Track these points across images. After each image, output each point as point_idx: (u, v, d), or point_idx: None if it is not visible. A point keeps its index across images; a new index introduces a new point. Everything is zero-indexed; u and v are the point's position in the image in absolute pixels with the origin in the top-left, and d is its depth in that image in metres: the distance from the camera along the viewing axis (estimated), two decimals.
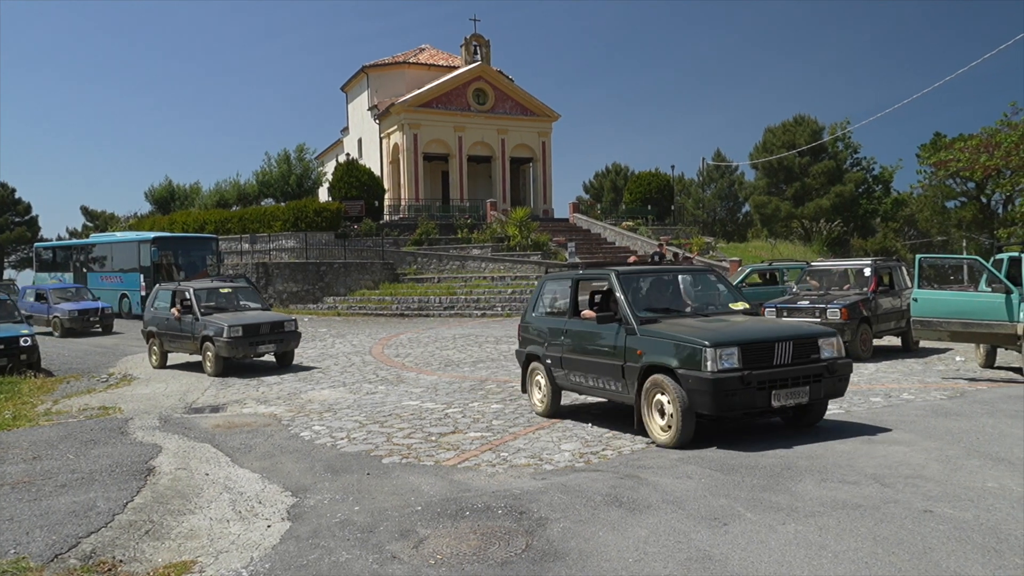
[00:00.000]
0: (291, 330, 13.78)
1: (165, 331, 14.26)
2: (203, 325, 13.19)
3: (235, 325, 12.87)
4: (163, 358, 14.60)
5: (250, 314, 13.93)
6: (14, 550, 4.88)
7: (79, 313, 22.14)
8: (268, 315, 14.24)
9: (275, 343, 13.35)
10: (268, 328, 13.33)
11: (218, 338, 12.78)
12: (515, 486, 5.88)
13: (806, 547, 4.36)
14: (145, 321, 14.88)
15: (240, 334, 12.87)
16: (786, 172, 53.66)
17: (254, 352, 13.14)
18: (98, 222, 57.37)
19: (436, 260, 29.82)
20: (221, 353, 12.82)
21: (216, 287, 14.81)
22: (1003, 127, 32.69)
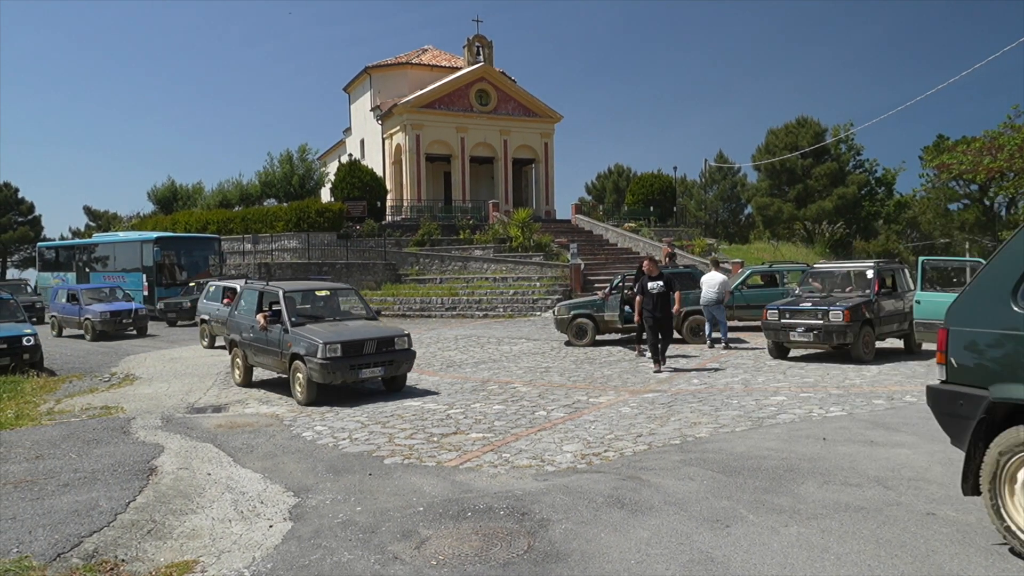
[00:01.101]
0: (403, 348, 10.80)
1: (250, 342, 11.56)
2: (293, 339, 10.41)
3: (332, 342, 10.01)
4: (247, 374, 11.96)
5: (352, 326, 10.97)
6: (17, 549, 4.88)
7: (111, 315, 20.78)
8: (374, 328, 11.10)
9: (383, 365, 10.43)
10: (374, 346, 10.40)
11: (311, 358, 9.95)
12: (517, 487, 5.87)
13: (808, 549, 4.35)
14: (228, 326, 12.51)
15: (339, 353, 9.99)
16: (788, 174, 53.62)
17: (355, 377, 10.19)
18: (101, 222, 57.45)
19: (438, 261, 29.82)
20: (314, 377, 9.95)
21: (312, 288, 12.12)
22: (1006, 130, 32.66)
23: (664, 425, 8.08)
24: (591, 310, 15.98)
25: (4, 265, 60.02)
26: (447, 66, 42.01)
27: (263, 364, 11.49)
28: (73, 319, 21.46)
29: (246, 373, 12.02)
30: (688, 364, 12.69)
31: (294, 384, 10.41)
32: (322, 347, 9.93)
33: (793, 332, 12.57)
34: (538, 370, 12.69)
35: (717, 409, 8.84)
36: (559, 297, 23.94)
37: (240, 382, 12.04)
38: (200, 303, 18.26)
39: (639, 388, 10.53)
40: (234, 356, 12.26)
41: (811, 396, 9.51)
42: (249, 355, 11.74)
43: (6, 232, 58.52)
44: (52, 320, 22.62)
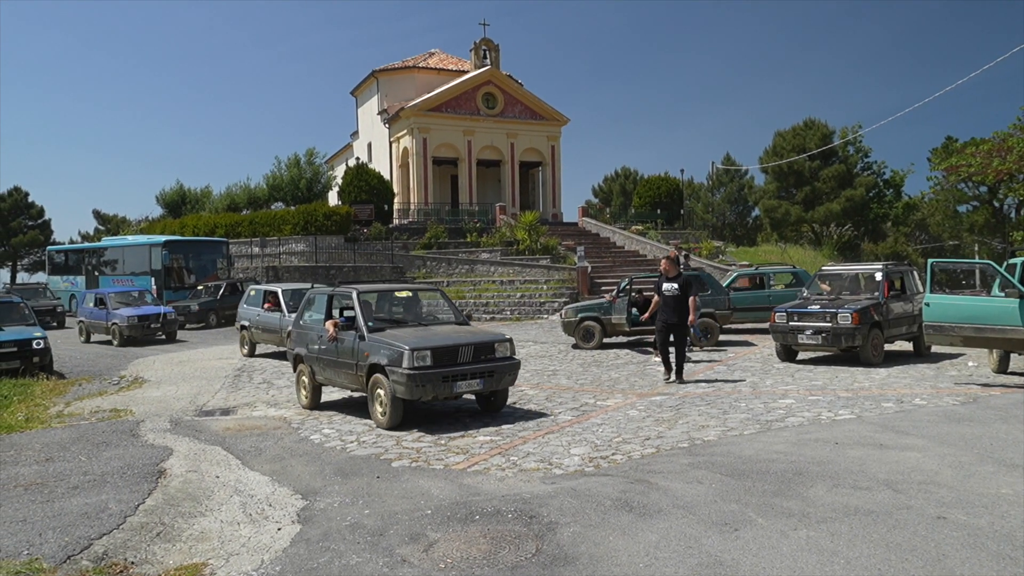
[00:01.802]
0: (505, 356, 9.01)
1: (317, 355, 9.81)
2: (371, 347, 8.77)
3: (421, 348, 8.35)
4: (315, 394, 10.11)
5: (441, 331, 9.30)
6: (27, 551, 4.90)
7: (139, 319, 19.92)
8: (469, 333, 9.30)
9: (481, 377, 8.66)
10: (471, 353, 8.69)
11: (394, 368, 8.32)
12: (525, 490, 5.87)
13: (818, 553, 4.33)
14: (293, 339, 10.64)
15: (428, 362, 8.33)
16: (796, 176, 53.47)
17: (450, 391, 8.53)
18: (110, 226, 57.78)
19: (445, 264, 29.85)
20: (399, 392, 8.32)
21: (390, 289, 10.87)
22: (1015, 131, 32.50)
23: (672, 428, 8.06)
24: (598, 313, 15.96)
25: (14, 269, 60.37)
26: (454, 69, 42.09)
27: (334, 380, 9.69)
28: (100, 324, 20.64)
29: (313, 393, 10.10)
30: (695, 367, 12.65)
31: (373, 404, 8.76)
32: (408, 354, 8.23)
33: (801, 335, 12.53)
34: (545, 373, 12.68)
35: (725, 412, 8.81)
36: (566, 300, 23.92)
37: (307, 404, 10.10)
38: (240, 308, 17.33)
39: (647, 391, 10.51)
40: (299, 374, 10.35)
41: (820, 399, 9.47)
42: (317, 371, 9.87)
43: (16, 236, 58.92)
44: (80, 325, 21.79)
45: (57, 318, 26.62)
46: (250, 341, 16.53)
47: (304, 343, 10.23)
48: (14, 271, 60.25)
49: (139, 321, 19.90)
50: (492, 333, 9.74)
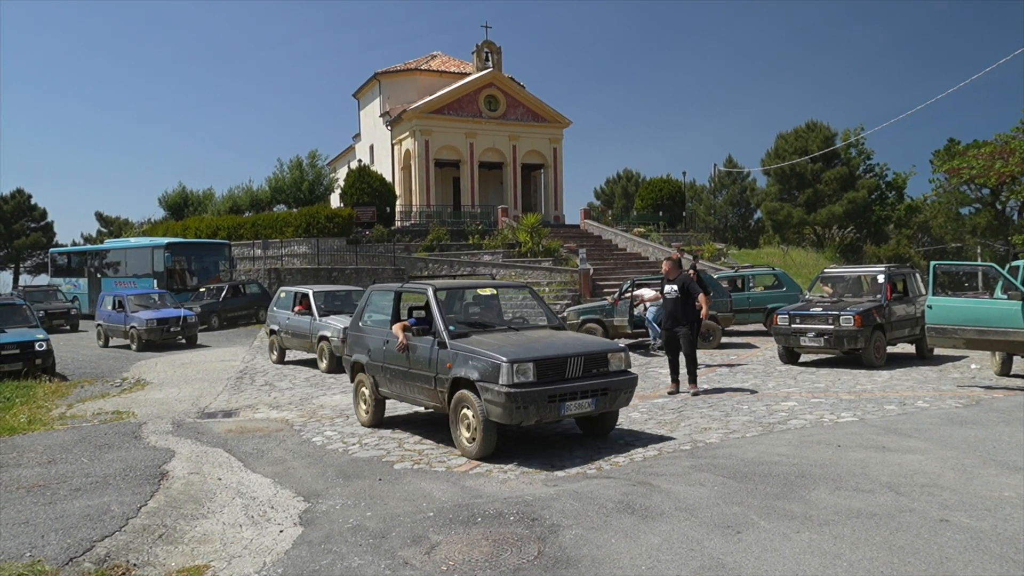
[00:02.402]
0: (620, 369, 7.42)
1: (382, 363, 8.42)
2: (455, 356, 7.25)
3: (522, 360, 6.80)
4: (378, 410, 8.81)
5: (539, 337, 7.66)
6: (29, 553, 4.91)
7: (158, 322, 19.13)
8: (574, 340, 7.70)
9: (594, 396, 7.10)
10: (580, 366, 7.10)
11: (488, 384, 6.77)
12: (527, 492, 5.87)
13: (820, 556, 4.33)
14: (349, 344, 9.26)
15: (531, 377, 6.78)
16: (798, 178, 53.43)
17: (556, 415, 6.95)
18: (112, 228, 57.88)
19: (447, 266, 29.87)
20: (493, 415, 6.79)
21: (471, 285, 9.30)
22: (1018, 133, 32.49)
23: (674, 430, 8.06)
24: (600, 315, 15.96)
25: (17, 271, 60.49)
26: (456, 72, 42.14)
27: (403, 395, 8.23)
28: (119, 327, 19.88)
29: (376, 408, 8.77)
30: None
31: (458, 427, 7.23)
32: (507, 368, 6.67)
33: (804, 337, 12.52)
34: None
35: (727, 414, 8.80)
36: (568, 302, 23.90)
37: (367, 420, 8.82)
38: (270, 311, 16.46)
39: (648, 393, 10.50)
40: (358, 385, 8.98)
41: (822, 402, 9.46)
42: (383, 383, 8.51)
43: (19, 238, 59.03)
44: (98, 329, 21.00)
45: (71, 321, 26.12)
46: (279, 346, 15.77)
47: (364, 349, 8.80)
48: (17, 273, 60.35)
49: (158, 324, 19.16)
50: (602, 341, 8.34)
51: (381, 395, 8.73)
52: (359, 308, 9.42)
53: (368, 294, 9.44)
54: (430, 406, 7.96)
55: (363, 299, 9.41)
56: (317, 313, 14.57)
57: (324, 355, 14.01)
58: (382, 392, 8.67)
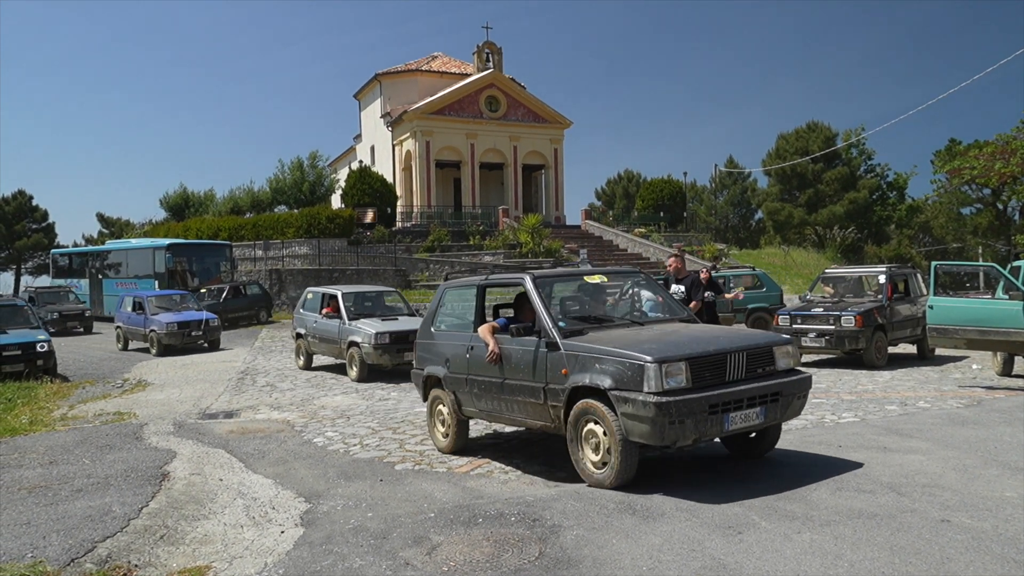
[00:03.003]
0: (788, 369, 6.02)
1: (466, 375, 6.96)
2: (571, 359, 5.84)
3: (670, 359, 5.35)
4: (461, 430, 7.33)
5: (675, 330, 6.26)
6: (31, 554, 4.91)
7: (179, 326, 18.20)
8: (728, 333, 6.32)
9: (763, 403, 5.66)
10: (743, 364, 5.67)
11: (627, 393, 5.36)
12: (528, 493, 5.87)
13: (822, 556, 4.32)
14: (417, 356, 7.87)
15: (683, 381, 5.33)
16: (799, 179, 53.43)
17: (719, 429, 5.51)
18: (114, 229, 57.93)
19: (448, 267, 29.89)
20: (636, 433, 5.39)
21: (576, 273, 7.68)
22: (1019, 134, 32.48)
23: None
24: None
25: (18, 272, 60.55)
26: (457, 72, 42.17)
27: (497, 413, 6.80)
28: (139, 331, 19.04)
29: (458, 431, 7.29)
30: None
31: (581, 449, 5.84)
32: (654, 370, 5.19)
33: (805, 337, 12.51)
34: None
35: None
36: None
37: (447, 446, 7.38)
38: (296, 314, 15.39)
39: None
40: (434, 404, 7.55)
41: (823, 402, 9.45)
42: (467, 399, 7.03)
43: (21, 239, 59.10)
44: (117, 332, 20.24)
45: (85, 323, 25.60)
46: (306, 351, 14.81)
47: (440, 360, 7.36)
48: (18, 274, 60.43)
49: (179, 328, 18.23)
50: (761, 332, 6.63)
51: (465, 415, 7.23)
52: (430, 311, 7.90)
53: (441, 293, 7.86)
54: (535, 425, 6.44)
55: (434, 300, 7.90)
56: (346, 316, 13.54)
57: (354, 362, 12.95)
58: (467, 411, 7.17)
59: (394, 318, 13.66)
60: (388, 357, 12.56)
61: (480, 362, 6.75)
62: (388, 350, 12.53)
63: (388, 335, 12.58)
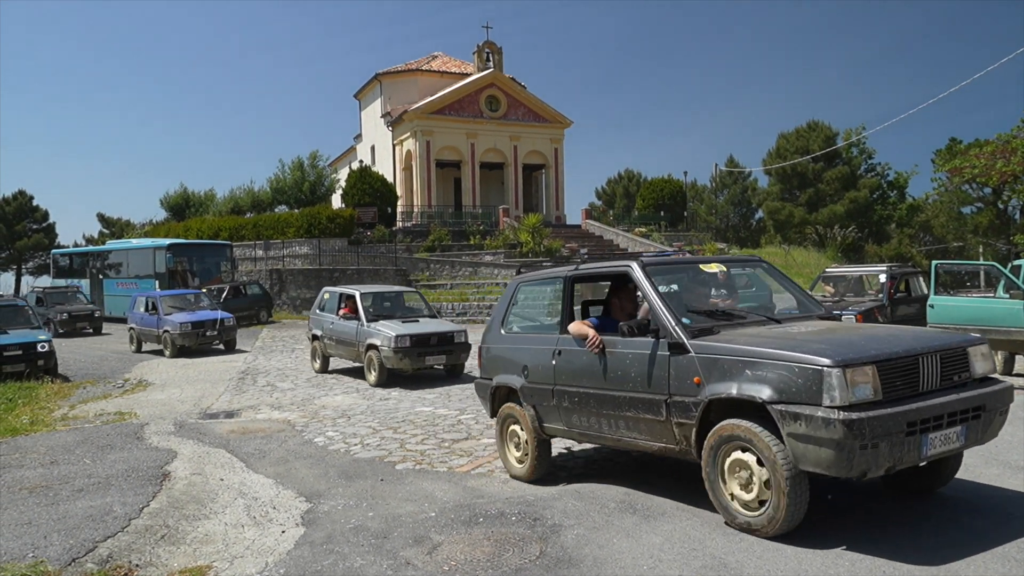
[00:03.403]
0: (985, 376, 4.85)
1: (552, 385, 5.91)
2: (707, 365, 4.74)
3: (855, 362, 4.24)
4: (543, 453, 6.22)
5: (832, 328, 5.28)
6: (32, 554, 4.92)
7: (192, 326, 17.45)
8: (902, 331, 5.31)
9: (963, 422, 4.51)
10: (936, 370, 4.54)
11: (795, 408, 4.25)
12: (528, 493, 5.86)
13: (822, 555, 4.32)
14: (484, 364, 6.81)
15: (869, 392, 4.20)
16: (800, 178, 53.39)
17: (918, 453, 4.36)
18: (114, 229, 57.94)
19: (448, 266, 29.88)
20: (811, 461, 4.27)
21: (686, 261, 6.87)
22: (1019, 133, 32.47)
23: None
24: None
25: (19, 272, 60.58)
26: (457, 72, 42.17)
27: (595, 432, 5.66)
28: (152, 331, 18.30)
29: (540, 454, 6.20)
30: None
31: (724, 482, 4.73)
32: (837, 377, 4.15)
33: None
34: None
35: None
36: None
37: (526, 474, 6.25)
38: (312, 314, 14.71)
39: None
40: (506, 422, 6.49)
41: None
42: (552, 415, 5.95)
43: (21, 239, 59.12)
44: (130, 333, 19.51)
45: (94, 323, 25.05)
46: (322, 354, 14.19)
47: (516, 368, 6.31)
48: (19, 274, 60.47)
49: (192, 328, 17.48)
50: (945, 332, 5.44)
51: (548, 434, 6.15)
52: (498, 311, 6.85)
53: (513, 290, 6.75)
54: (652, 447, 5.23)
55: (505, 297, 6.86)
56: (365, 317, 12.86)
57: (372, 366, 12.28)
58: (550, 429, 6.08)
59: (414, 319, 13.11)
60: (408, 361, 11.95)
61: (572, 370, 5.70)
62: (408, 354, 11.91)
63: (408, 338, 11.95)
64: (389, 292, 14.76)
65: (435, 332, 12.29)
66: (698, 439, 4.83)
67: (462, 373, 12.79)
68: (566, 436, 6.12)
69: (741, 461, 4.57)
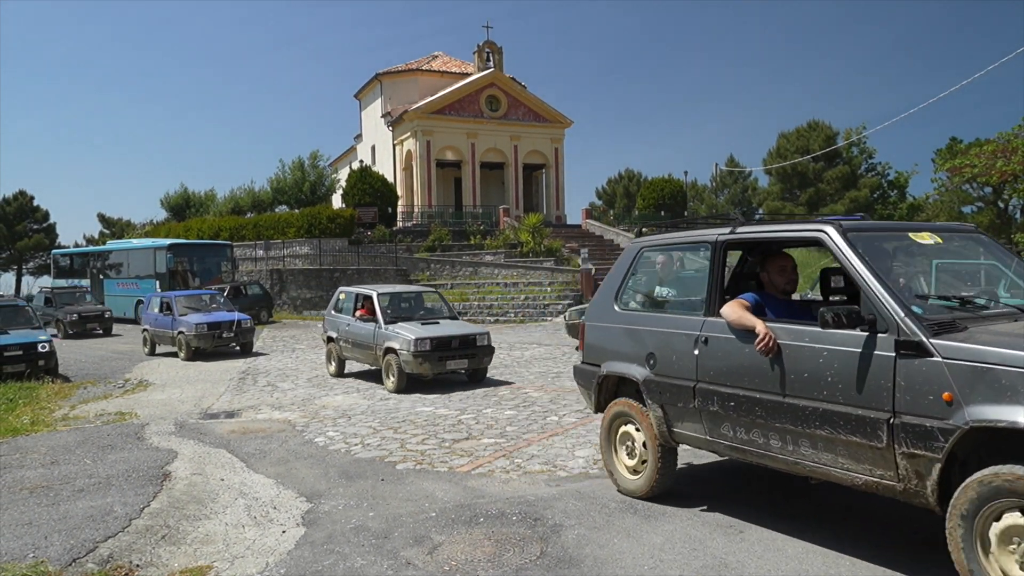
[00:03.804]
0: None
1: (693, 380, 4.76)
2: (960, 377, 3.37)
3: None
4: (667, 464, 5.26)
5: None
6: (33, 554, 4.92)
7: (208, 327, 16.58)
8: None
9: None
10: None
11: None
12: (529, 492, 5.87)
13: (823, 555, 4.32)
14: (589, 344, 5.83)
15: None
16: (800, 178, 53.48)
17: None
18: (115, 229, 58.00)
19: (449, 266, 29.88)
20: None
21: (901, 227, 4.74)
22: (1020, 132, 32.46)
23: None
24: None
25: (19, 272, 60.63)
26: (457, 72, 42.19)
27: (766, 450, 4.40)
28: (167, 333, 17.40)
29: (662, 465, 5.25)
30: None
31: (991, 557, 3.35)
32: None
33: None
34: (549, 375, 12.67)
35: None
36: (570, 302, 23.92)
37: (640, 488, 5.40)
38: (327, 316, 14.01)
39: None
40: (616, 421, 5.55)
41: None
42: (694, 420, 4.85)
43: (22, 239, 59.18)
44: (144, 335, 18.54)
45: (104, 324, 24.08)
46: (338, 357, 13.48)
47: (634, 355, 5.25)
48: (19, 275, 60.51)
49: (208, 330, 16.59)
50: None
51: (678, 440, 5.08)
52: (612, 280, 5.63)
53: (633, 256, 5.54)
54: (856, 480, 3.95)
55: (621, 265, 5.60)
56: (383, 319, 12.16)
57: (391, 371, 11.52)
58: (682, 436, 5.00)
59: (435, 321, 12.39)
60: (429, 366, 11.25)
61: (726, 365, 4.52)
62: (429, 358, 11.23)
63: (429, 340, 11.30)
64: (408, 292, 14.01)
65: (457, 334, 11.67)
66: (940, 483, 3.51)
67: (484, 378, 12.25)
68: (705, 448, 4.90)
69: (1020, 528, 3.13)
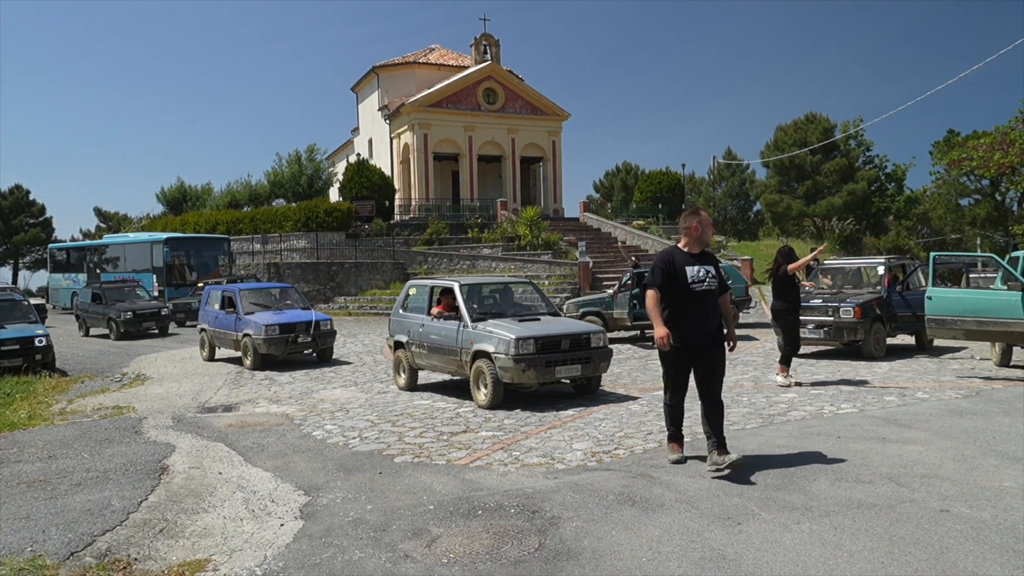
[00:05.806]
0: None
1: None
2: None
3: None
4: None
5: None
6: (31, 548, 4.91)
7: (280, 329, 13.74)
8: None
9: None
10: None
11: None
12: (527, 485, 5.87)
13: (821, 547, 4.33)
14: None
15: None
16: (798, 170, 53.46)
17: None
18: (111, 223, 57.86)
19: (447, 260, 29.85)
20: None
21: None
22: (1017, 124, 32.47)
23: None
24: (600, 308, 15.94)
25: (16, 267, 60.49)
26: (454, 65, 42.06)
27: None
28: (229, 335, 14.60)
29: None
30: None
31: None
32: None
33: (803, 329, 12.50)
34: None
35: (727, 406, 8.75)
36: (568, 295, 23.91)
37: None
38: (394, 315, 11.35)
39: (649, 386, 10.50)
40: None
41: (822, 393, 9.46)
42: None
43: (18, 234, 59.04)
44: (202, 336, 15.82)
45: (161, 323, 21.78)
46: (409, 366, 10.78)
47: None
48: (16, 269, 60.38)
49: (281, 332, 13.75)
50: None
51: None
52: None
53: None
54: None
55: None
56: (469, 316, 9.80)
57: (483, 380, 9.26)
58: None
59: (534, 318, 10.01)
60: (534, 372, 8.96)
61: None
62: (534, 363, 8.92)
63: (533, 341, 8.99)
64: (496, 284, 11.61)
65: (566, 333, 9.31)
66: None
67: (598, 389, 9.94)
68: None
69: None
